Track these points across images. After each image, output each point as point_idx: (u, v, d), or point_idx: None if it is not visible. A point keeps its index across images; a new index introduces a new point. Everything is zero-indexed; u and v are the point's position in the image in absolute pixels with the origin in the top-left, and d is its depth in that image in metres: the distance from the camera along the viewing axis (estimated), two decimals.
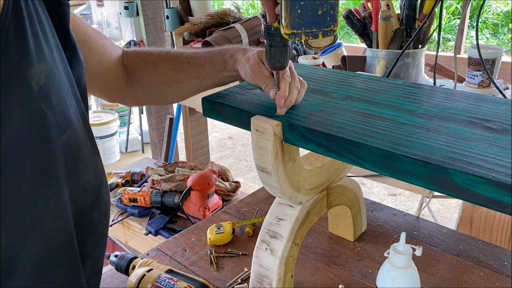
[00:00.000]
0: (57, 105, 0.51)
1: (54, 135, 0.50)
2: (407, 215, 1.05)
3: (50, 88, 0.50)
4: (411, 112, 0.65)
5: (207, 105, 0.75)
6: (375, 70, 1.42)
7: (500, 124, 0.60)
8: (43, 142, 0.49)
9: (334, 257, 0.91)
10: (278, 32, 0.59)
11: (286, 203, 0.76)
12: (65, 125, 0.52)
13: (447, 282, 0.83)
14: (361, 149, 0.56)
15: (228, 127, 4.20)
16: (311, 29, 0.49)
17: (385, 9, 1.34)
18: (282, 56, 0.62)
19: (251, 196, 1.17)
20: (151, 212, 1.64)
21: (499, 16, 6.10)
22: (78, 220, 0.54)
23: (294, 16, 0.48)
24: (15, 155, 0.46)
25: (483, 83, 1.30)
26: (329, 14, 0.49)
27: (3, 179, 0.45)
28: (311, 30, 0.50)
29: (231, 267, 0.89)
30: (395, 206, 2.88)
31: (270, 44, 0.62)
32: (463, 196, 0.49)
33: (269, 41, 0.62)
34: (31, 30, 0.48)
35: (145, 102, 0.84)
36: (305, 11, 0.48)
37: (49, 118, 0.49)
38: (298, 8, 0.48)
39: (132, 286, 0.79)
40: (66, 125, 0.52)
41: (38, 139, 0.48)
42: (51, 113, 0.50)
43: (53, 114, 0.50)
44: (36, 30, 0.50)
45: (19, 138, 0.47)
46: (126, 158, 3.75)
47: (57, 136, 0.50)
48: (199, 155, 2.48)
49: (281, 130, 0.65)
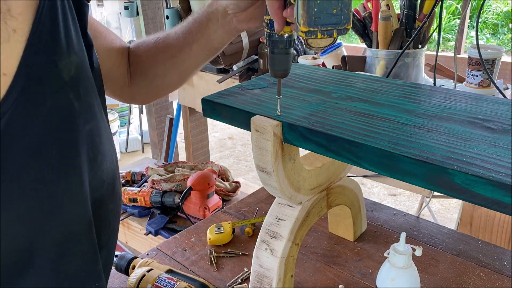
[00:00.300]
0: (83, 96, 0.53)
1: (80, 125, 0.52)
2: (407, 215, 1.05)
3: (79, 79, 0.52)
4: (411, 112, 0.65)
5: (207, 105, 0.75)
6: (375, 70, 1.42)
7: (500, 124, 0.60)
8: (69, 130, 0.51)
9: (334, 257, 0.91)
10: (281, 39, 0.61)
11: (286, 203, 0.76)
12: (90, 116, 0.54)
13: (447, 282, 0.83)
14: (360, 149, 0.56)
15: (228, 127, 4.20)
16: (327, 27, 0.51)
17: (385, 9, 1.34)
18: (285, 63, 0.63)
19: (251, 196, 1.17)
20: (151, 212, 1.65)
21: (499, 16, 6.10)
22: (95, 211, 0.55)
23: (311, 14, 0.50)
24: (41, 142, 0.48)
25: (483, 83, 1.30)
26: (343, 13, 0.50)
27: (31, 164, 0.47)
28: (326, 28, 0.51)
29: (231, 267, 0.89)
30: (395, 206, 2.88)
31: (273, 51, 0.63)
32: (463, 196, 0.49)
33: (271, 48, 0.62)
34: (63, 25, 0.51)
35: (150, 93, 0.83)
36: (321, 10, 0.50)
37: (76, 108, 0.52)
38: (315, 7, 0.50)
39: (132, 286, 0.79)
40: (90, 116, 0.54)
41: (64, 128, 0.50)
42: (78, 104, 0.52)
43: (80, 105, 0.52)
44: (68, 25, 0.52)
45: (47, 126, 0.48)
46: (126, 158, 3.76)
47: (82, 126, 0.52)
48: (199, 155, 2.48)
49: (281, 130, 0.65)
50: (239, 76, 1.84)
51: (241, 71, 1.85)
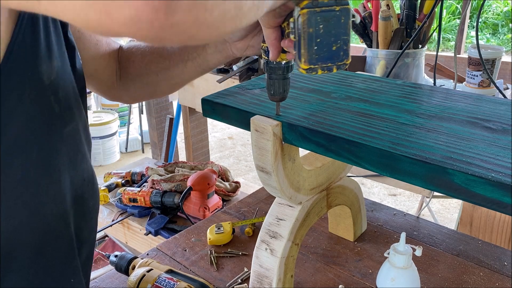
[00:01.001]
0: (63, 100, 0.55)
1: (59, 126, 0.55)
2: (407, 215, 1.05)
3: (59, 83, 0.55)
4: (411, 112, 0.65)
5: (207, 105, 0.75)
6: (375, 70, 1.42)
7: (500, 124, 0.60)
8: (49, 132, 0.53)
9: (334, 257, 0.91)
10: (279, 65, 0.62)
11: (286, 203, 0.76)
12: (69, 118, 0.57)
13: (447, 282, 0.83)
14: (360, 149, 0.56)
15: (228, 127, 4.20)
16: (327, 63, 0.52)
17: (385, 9, 1.34)
18: (282, 87, 0.64)
19: (251, 196, 1.17)
20: (151, 212, 1.64)
21: (499, 16, 6.10)
22: (77, 207, 0.58)
23: (311, 52, 0.51)
24: (24, 142, 0.50)
25: (483, 83, 1.30)
26: (342, 49, 0.52)
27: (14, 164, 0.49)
28: (326, 65, 0.52)
29: (231, 267, 0.89)
30: (395, 206, 2.88)
31: (270, 76, 0.63)
32: (462, 196, 0.49)
33: (269, 73, 0.63)
34: (44, 30, 0.53)
35: (138, 96, 0.85)
36: (321, 47, 0.51)
37: (56, 110, 0.54)
38: (315, 45, 0.51)
39: (132, 286, 0.79)
40: (70, 118, 0.57)
41: (45, 129, 0.53)
42: (58, 106, 0.54)
43: (60, 107, 0.55)
44: (49, 30, 0.54)
45: (29, 126, 0.50)
46: (126, 158, 3.75)
47: (62, 127, 0.55)
48: (199, 155, 2.48)
49: (281, 130, 0.65)
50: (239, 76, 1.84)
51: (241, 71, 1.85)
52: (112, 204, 1.74)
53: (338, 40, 0.51)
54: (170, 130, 2.58)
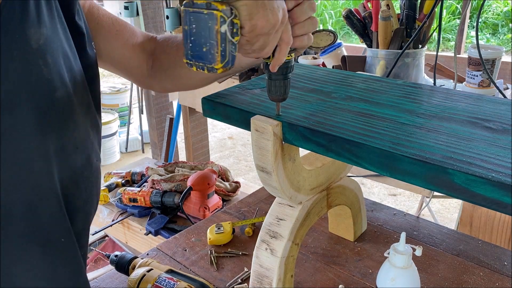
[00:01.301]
0: (53, 65, 0.57)
1: (49, 90, 0.57)
2: (407, 215, 1.05)
3: (47, 49, 0.57)
4: (411, 112, 0.65)
5: (207, 105, 0.75)
6: (375, 70, 1.42)
7: (500, 124, 0.60)
8: (39, 93, 0.55)
9: (334, 257, 0.91)
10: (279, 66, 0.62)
11: (286, 203, 0.76)
12: (59, 84, 0.58)
13: (447, 282, 0.83)
14: (361, 149, 0.56)
15: (228, 127, 4.21)
16: (199, 62, 0.55)
17: (385, 9, 1.34)
18: (282, 88, 0.64)
19: (251, 196, 1.17)
20: (151, 212, 1.64)
21: (499, 16, 6.10)
22: (70, 174, 0.60)
23: (187, 48, 0.55)
24: (16, 99, 0.53)
25: (483, 83, 1.30)
26: (210, 53, 0.54)
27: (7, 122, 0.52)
28: (199, 63, 0.55)
29: (231, 267, 0.89)
30: (395, 206, 2.88)
31: (270, 77, 0.63)
32: (463, 196, 0.49)
33: (269, 74, 0.63)
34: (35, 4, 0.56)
35: (169, 86, 0.87)
36: (195, 46, 0.54)
37: (45, 74, 0.56)
38: (190, 42, 0.54)
39: (132, 286, 0.79)
40: (59, 84, 0.58)
41: (35, 89, 0.55)
42: (47, 70, 0.56)
43: (49, 72, 0.57)
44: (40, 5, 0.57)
45: (19, 85, 0.53)
46: (126, 158, 3.76)
47: (51, 91, 0.57)
48: (199, 155, 2.48)
49: (281, 130, 0.65)
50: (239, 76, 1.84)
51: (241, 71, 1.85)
52: (112, 204, 1.74)
53: (207, 43, 0.53)
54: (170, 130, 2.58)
